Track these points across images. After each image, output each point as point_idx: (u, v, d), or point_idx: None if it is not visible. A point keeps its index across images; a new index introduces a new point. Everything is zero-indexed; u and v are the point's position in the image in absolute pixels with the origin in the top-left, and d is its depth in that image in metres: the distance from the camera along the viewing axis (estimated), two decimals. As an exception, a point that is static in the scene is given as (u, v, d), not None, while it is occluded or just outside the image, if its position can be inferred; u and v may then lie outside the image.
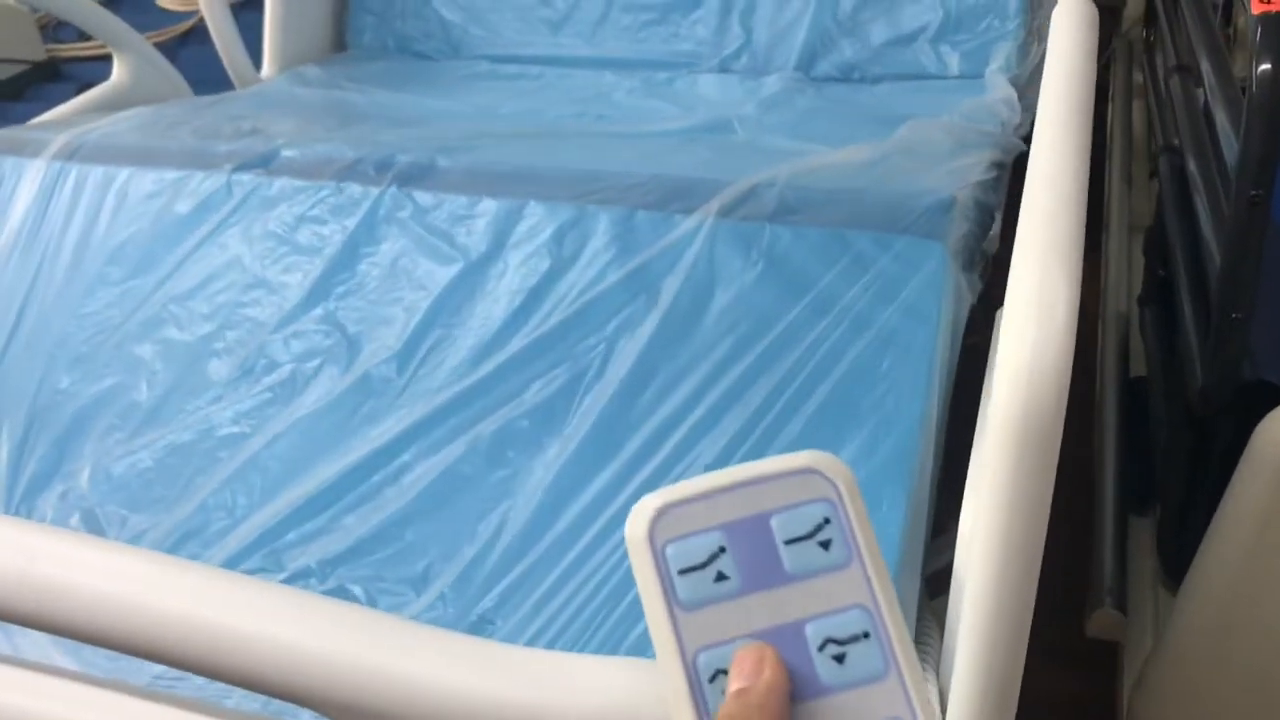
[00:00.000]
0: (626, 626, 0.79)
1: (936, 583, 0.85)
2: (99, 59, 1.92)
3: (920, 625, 0.79)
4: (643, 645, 0.77)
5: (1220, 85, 0.98)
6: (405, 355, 0.99)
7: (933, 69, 1.44)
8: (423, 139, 1.20)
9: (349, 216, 1.10)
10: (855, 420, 0.86)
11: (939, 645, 0.75)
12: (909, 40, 1.45)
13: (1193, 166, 1.08)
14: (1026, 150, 1.22)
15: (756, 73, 1.51)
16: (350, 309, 1.04)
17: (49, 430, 1.03)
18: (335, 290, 1.06)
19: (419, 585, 0.85)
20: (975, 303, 0.97)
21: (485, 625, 0.82)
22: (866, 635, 0.37)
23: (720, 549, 0.37)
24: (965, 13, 1.43)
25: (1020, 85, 1.35)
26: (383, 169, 1.12)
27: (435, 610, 0.83)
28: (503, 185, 1.08)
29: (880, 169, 1.08)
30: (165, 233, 1.15)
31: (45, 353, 1.09)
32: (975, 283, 0.99)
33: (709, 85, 1.52)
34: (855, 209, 0.98)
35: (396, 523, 0.89)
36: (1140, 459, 1.21)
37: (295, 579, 0.86)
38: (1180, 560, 0.99)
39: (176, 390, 1.03)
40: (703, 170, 1.06)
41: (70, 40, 2.14)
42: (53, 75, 2.07)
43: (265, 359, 1.02)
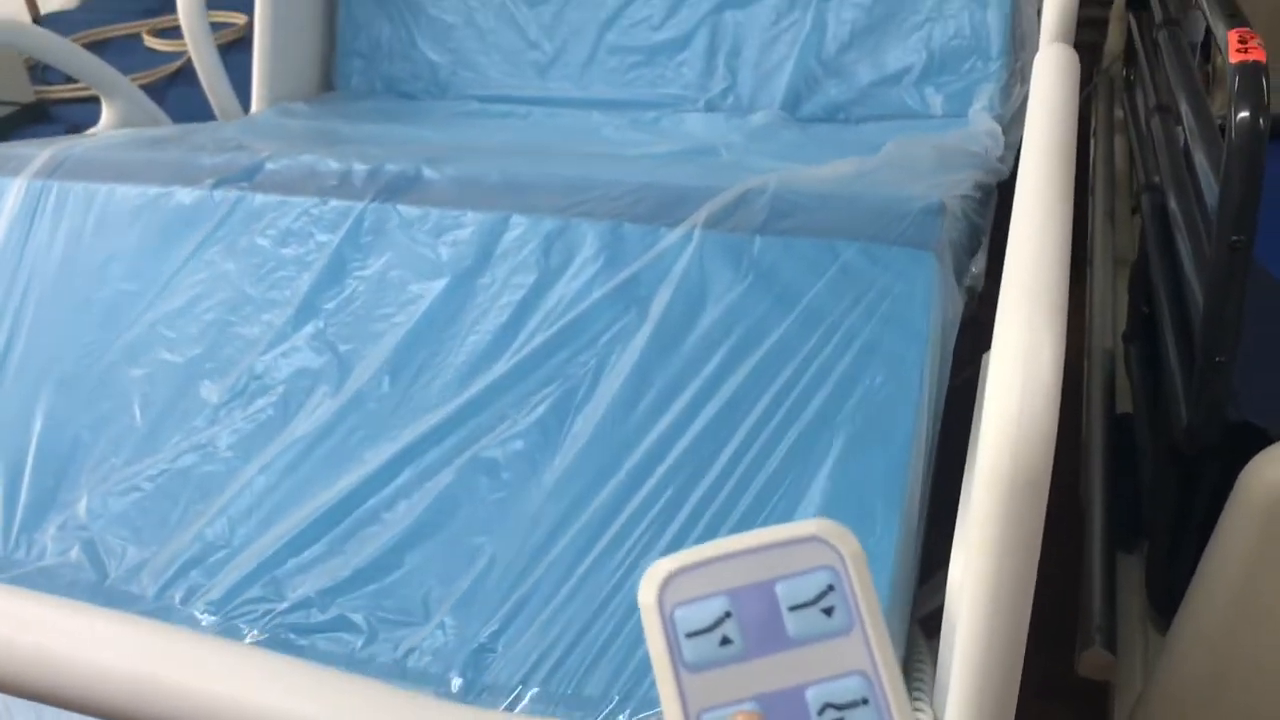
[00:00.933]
0: (628, 649, 0.79)
1: (930, 624, 0.85)
2: (88, 100, 1.93)
3: (913, 660, 0.79)
4: (645, 668, 0.77)
5: (1200, 127, 1.00)
6: (396, 374, 0.99)
7: (917, 109, 1.46)
8: (408, 153, 1.20)
9: (334, 231, 1.09)
10: (847, 437, 0.86)
11: (932, 682, 0.75)
12: (893, 81, 1.47)
13: (1174, 206, 1.09)
14: (1009, 178, 1.24)
15: (742, 112, 1.53)
16: (339, 326, 1.04)
17: (43, 458, 1.02)
18: (324, 307, 1.05)
19: (419, 614, 0.85)
20: (962, 330, 0.97)
21: (486, 654, 0.82)
22: (865, 701, 0.38)
23: (726, 614, 0.38)
24: (949, 54, 1.44)
25: (1003, 125, 1.36)
26: (368, 180, 1.11)
27: (436, 639, 0.83)
28: (489, 196, 1.07)
29: (867, 179, 1.08)
30: (150, 251, 1.13)
31: (34, 378, 1.08)
32: (964, 295, 0.99)
33: (695, 123, 1.53)
34: (845, 214, 0.97)
35: (394, 549, 0.88)
36: (1127, 496, 1.21)
37: (297, 609, 0.86)
38: (1169, 599, 1.00)
39: (169, 414, 1.02)
40: (691, 182, 1.06)
41: (58, 82, 2.14)
42: (41, 117, 2.07)
43: (257, 380, 1.02)
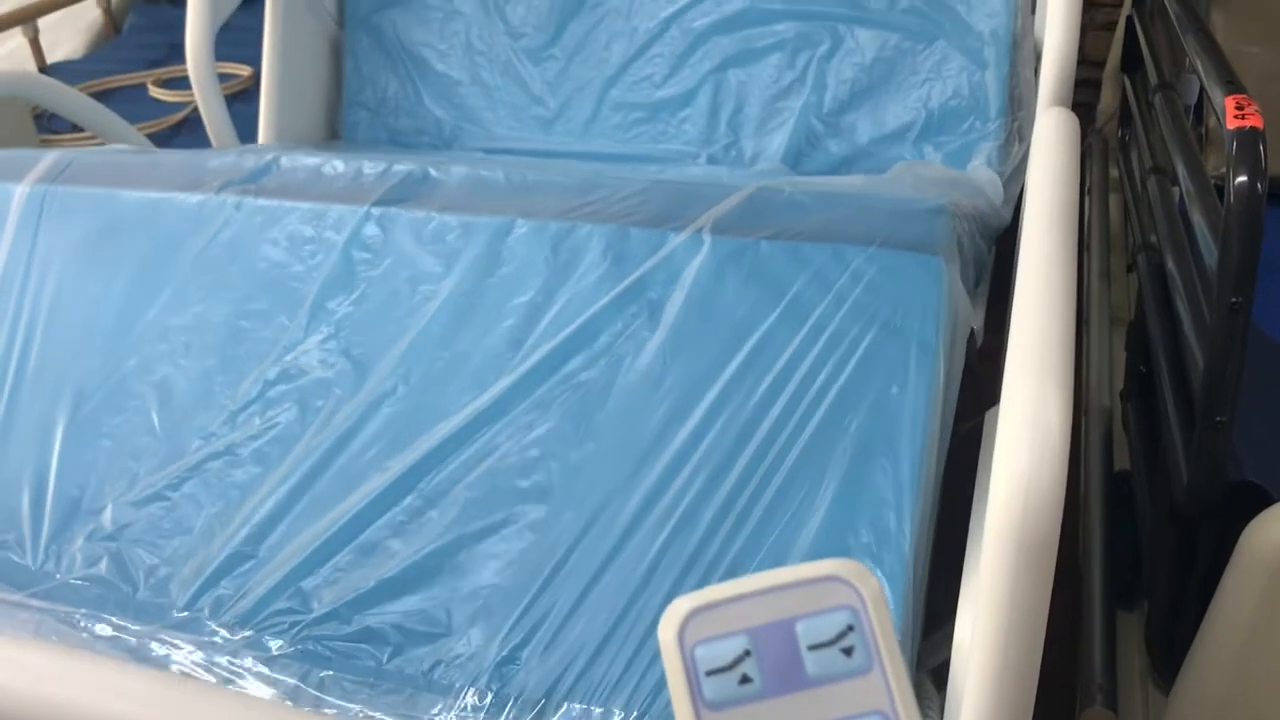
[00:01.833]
0: (649, 657, 0.80)
1: (937, 678, 0.85)
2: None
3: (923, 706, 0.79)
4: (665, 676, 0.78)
5: (1197, 190, 1.01)
6: (410, 380, 1.00)
7: (917, 168, 1.48)
8: (414, 158, 1.21)
9: (342, 233, 1.10)
10: (857, 450, 0.87)
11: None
12: (893, 139, 1.49)
13: (1171, 266, 1.10)
14: (1004, 235, 1.25)
15: (744, 166, 1.54)
16: (350, 330, 1.04)
17: (65, 469, 1.03)
18: (334, 311, 1.06)
19: (444, 625, 0.86)
20: (963, 382, 0.98)
21: (510, 665, 0.83)
22: None
23: (746, 652, 0.38)
24: (948, 114, 1.46)
25: (1002, 181, 1.38)
26: (375, 182, 1.12)
27: (461, 651, 0.85)
28: (495, 198, 1.08)
29: (875, 187, 1.09)
30: (158, 256, 1.14)
31: (51, 387, 1.08)
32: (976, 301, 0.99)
33: (698, 174, 1.54)
34: (852, 216, 0.98)
35: (417, 560, 0.89)
36: (1127, 553, 1.22)
37: (324, 621, 0.88)
38: (1170, 658, 1.00)
39: (186, 421, 1.02)
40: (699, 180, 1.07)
41: (65, 131, 2.16)
42: (45, 164, 2.09)
43: (271, 387, 1.02)
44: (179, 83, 2.28)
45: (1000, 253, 1.29)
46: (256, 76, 1.73)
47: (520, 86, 1.67)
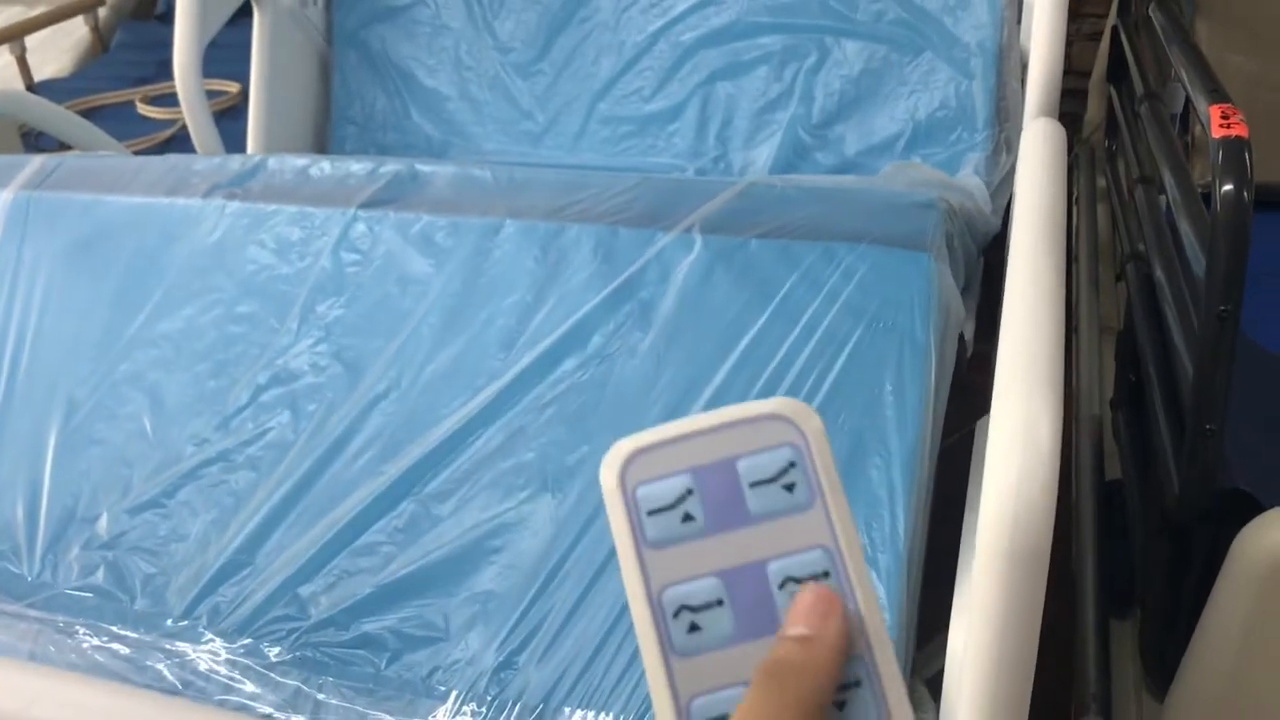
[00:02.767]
0: None
1: (933, 686, 0.85)
2: (80, 166, 1.93)
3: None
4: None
5: (1184, 199, 1.02)
6: (403, 384, 0.99)
7: (904, 179, 1.48)
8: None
9: (331, 237, 1.10)
10: (850, 448, 0.87)
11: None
12: (880, 151, 1.49)
13: (1160, 275, 1.11)
14: (997, 237, 1.25)
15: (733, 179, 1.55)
16: (341, 333, 1.04)
17: (59, 477, 1.03)
18: (324, 314, 1.06)
19: (442, 631, 0.86)
20: (952, 392, 0.98)
21: (508, 670, 0.83)
22: (826, 574, 0.38)
23: (688, 491, 0.39)
24: (935, 125, 1.47)
25: (990, 192, 1.38)
26: (363, 183, 1.11)
27: (459, 656, 0.85)
28: (484, 197, 1.08)
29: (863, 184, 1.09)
30: (146, 261, 1.13)
31: (42, 395, 1.08)
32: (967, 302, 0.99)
33: (686, 187, 1.55)
34: (842, 211, 0.98)
35: (414, 566, 0.90)
36: (1119, 562, 1.22)
37: (321, 627, 0.88)
38: (1163, 667, 1.00)
39: (178, 427, 1.02)
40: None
41: (52, 148, 2.16)
42: (33, 182, 2.08)
43: (263, 391, 1.02)
44: (167, 100, 2.28)
45: (989, 262, 1.29)
46: (245, 93, 1.72)
47: (509, 101, 1.68)
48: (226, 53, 1.73)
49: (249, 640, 0.87)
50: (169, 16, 1.57)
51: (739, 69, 1.58)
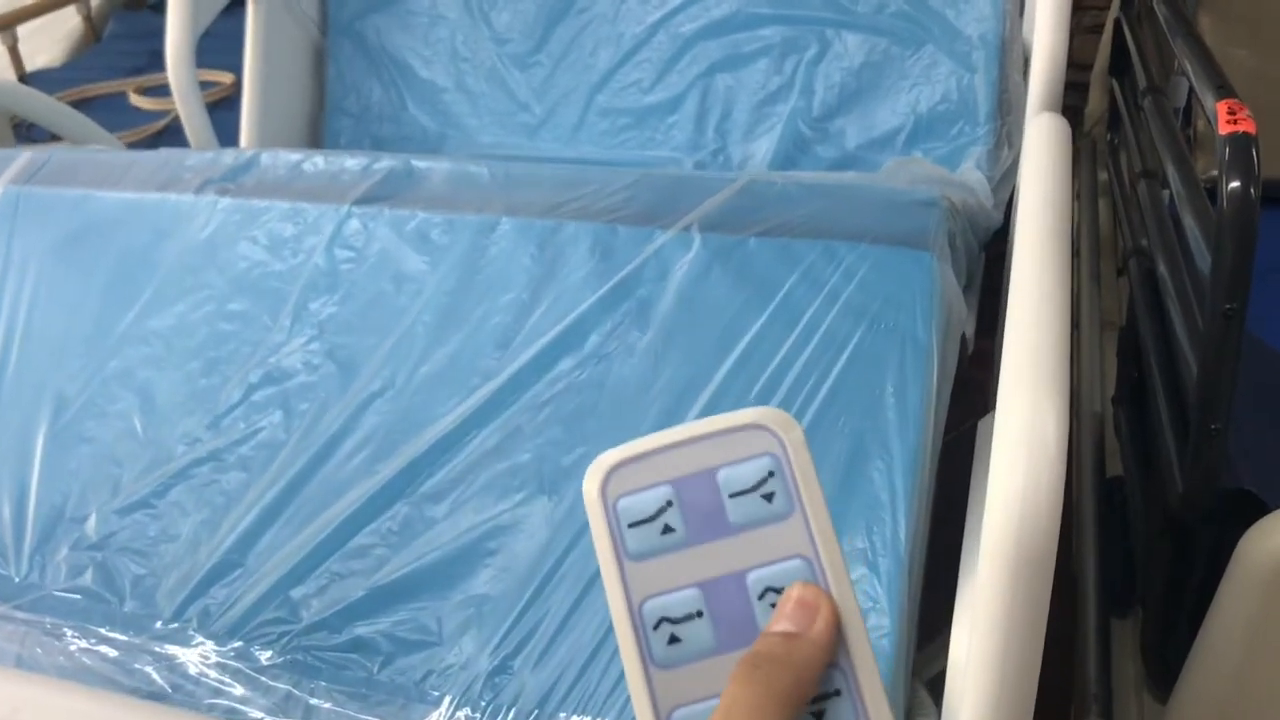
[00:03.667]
0: None
1: (933, 688, 0.84)
2: (73, 157, 1.91)
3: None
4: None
5: (1188, 194, 1.00)
6: (397, 383, 0.98)
7: (905, 173, 1.47)
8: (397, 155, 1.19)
9: (325, 234, 1.08)
10: (851, 450, 0.86)
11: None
12: (881, 144, 1.48)
13: (1163, 270, 1.09)
14: (1002, 242, 1.24)
15: (732, 172, 1.54)
16: (334, 331, 1.03)
17: (47, 477, 1.01)
18: (317, 312, 1.04)
19: (436, 635, 0.85)
20: (954, 388, 0.97)
21: (503, 674, 0.82)
22: None
23: (668, 503, 0.39)
24: (936, 119, 1.46)
25: (991, 187, 1.37)
26: (358, 178, 1.10)
27: (453, 660, 0.84)
28: (480, 195, 1.07)
29: (865, 183, 1.07)
30: (137, 257, 1.12)
31: (31, 392, 1.07)
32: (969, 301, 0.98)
33: (685, 180, 1.54)
34: (843, 208, 0.97)
35: (407, 568, 0.88)
36: (1120, 561, 1.21)
37: (313, 630, 0.86)
38: (1165, 667, 0.99)
39: (169, 425, 1.01)
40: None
41: (43, 139, 2.14)
42: (25, 172, 2.07)
43: (256, 390, 1.01)
44: (160, 91, 2.26)
45: (990, 256, 1.28)
46: (239, 84, 1.71)
47: (506, 93, 1.66)
48: (220, 43, 1.71)
49: (239, 643, 0.86)
50: (162, 6, 1.56)
51: (739, 61, 1.57)
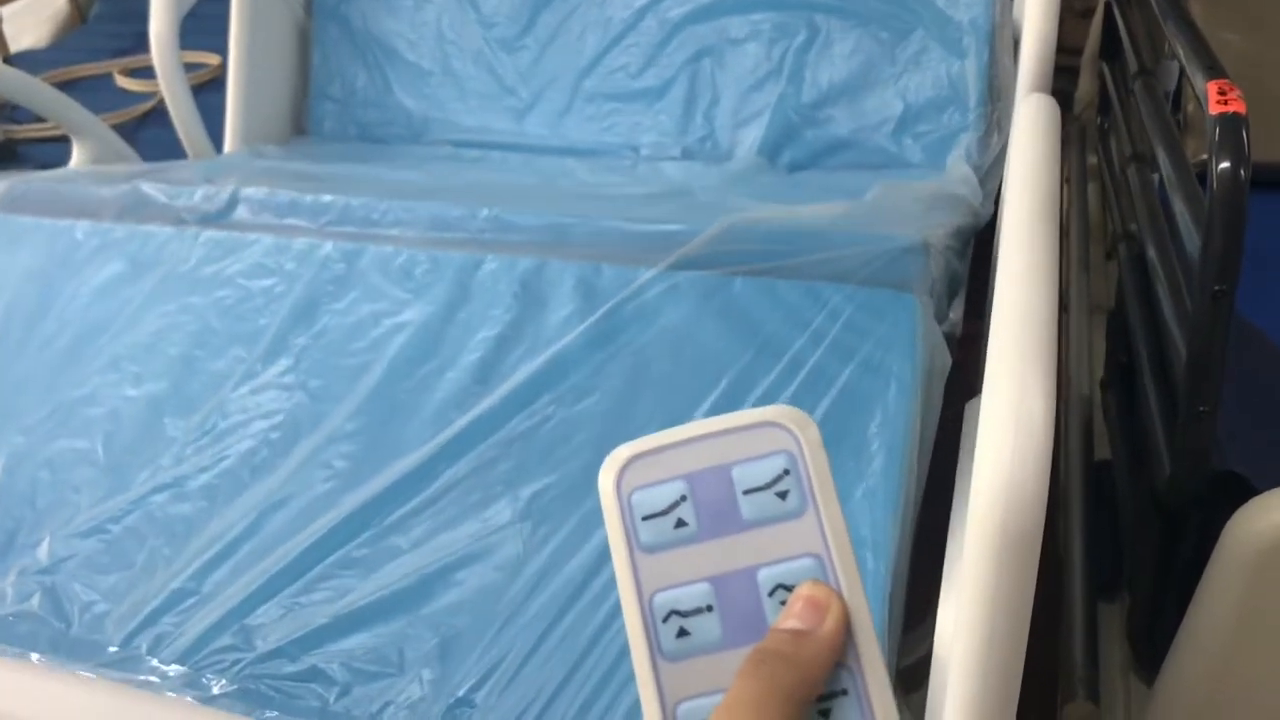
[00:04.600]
0: (608, 700, 0.77)
1: (913, 676, 0.84)
2: (58, 140, 1.91)
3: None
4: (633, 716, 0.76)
5: (1178, 177, 1.00)
6: (369, 415, 0.97)
7: (895, 158, 1.46)
8: (383, 189, 1.18)
9: (305, 266, 1.08)
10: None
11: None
12: (871, 131, 1.47)
13: (1152, 254, 1.09)
14: (990, 224, 1.24)
15: (720, 160, 1.53)
16: (310, 363, 1.02)
17: (3, 501, 0.99)
18: (294, 344, 1.03)
19: (395, 665, 0.83)
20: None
21: (464, 707, 0.80)
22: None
23: (681, 497, 0.39)
24: (926, 105, 1.45)
25: (981, 175, 1.37)
26: (340, 217, 1.10)
27: (412, 692, 0.81)
28: (464, 238, 1.06)
29: (851, 219, 1.06)
30: (113, 287, 1.12)
31: None
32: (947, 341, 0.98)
33: (672, 169, 1.53)
34: (827, 253, 0.96)
35: (369, 598, 0.86)
36: (1107, 544, 1.21)
37: (268, 659, 0.84)
38: (1152, 650, 0.99)
39: (133, 454, 0.99)
40: (668, 220, 1.04)
41: (27, 121, 2.12)
42: (10, 157, 2.04)
43: (225, 419, 1.00)
44: (147, 72, 2.24)
45: (980, 240, 1.28)
46: (225, 65, 1.70)
47: (492, 77, 1.65)
48: (206, 24, 1.70)
49: (189, 671, 0.83)
50: (148, -12, 1.54)
51: (727, 47, 1.56)
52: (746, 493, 0.39)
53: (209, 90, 2.01)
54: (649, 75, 1.59)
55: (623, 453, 0.40)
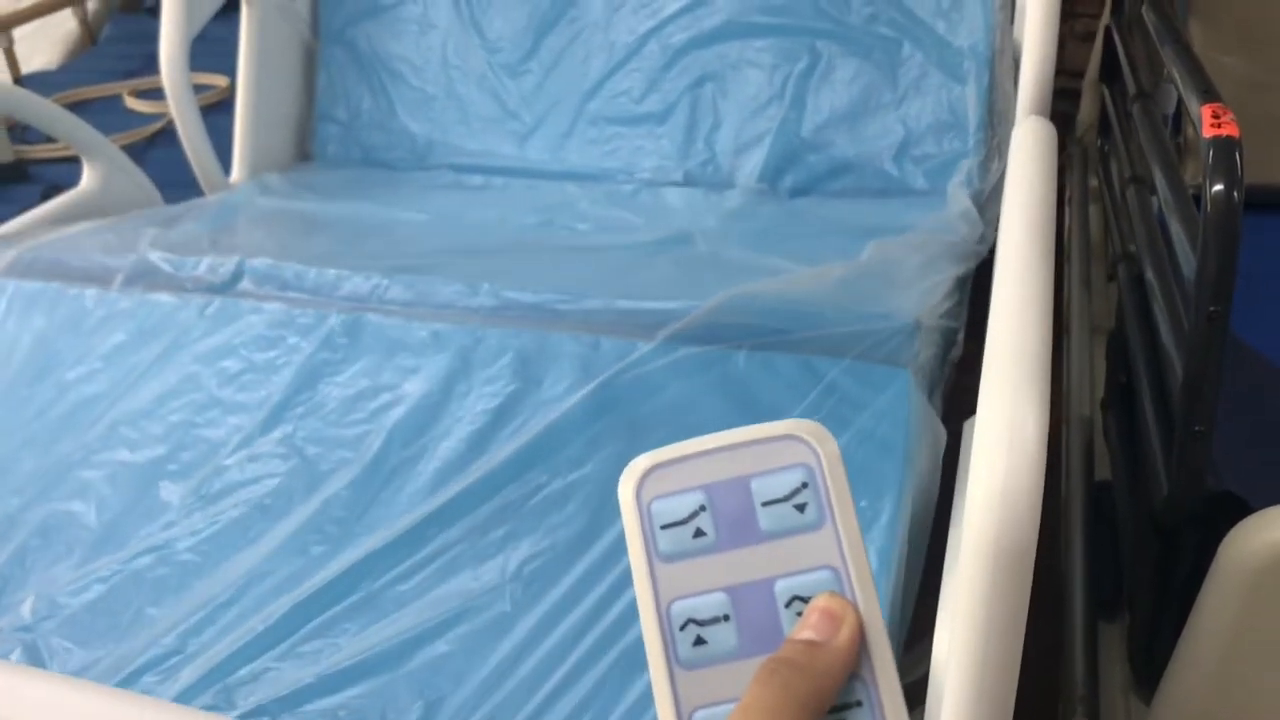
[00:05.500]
0: None
1: (912, 696, 0.84)
2: (68, 160, 1.92)
3: None
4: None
5: (1175, 199, 1.01)
6: (364, 482, 0.97)
7: (896, 184, 1.47)
8: (381, 259, 1.19)
9: (308, 338, 1.09)
10: None
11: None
12: (872, 157, 1.48)
13: (1150, 276, 1.10)
14: (989, 257, 1.25)
15: (721, 186, 1.54)
16: (308, 431, 1.02)
17: None
18: (293, 412, 1.04)
19: None
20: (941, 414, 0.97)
21: None
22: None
23: (701, 507, 0.40)
24: (926, 130, 1.46)
25: (981, 201, 1.37)
26: (344, 291, 1.11)
27: None
28: (462, 313, 1.08)
29: (844, 292, 1.08)
30: (117, 353, 1.13)
31: None
32: (938, 405, 0.99)
33: (673, 197, 1.54)
34: (823, 330, 0.98)
35: (354, 660, 0.85)
36: (1107, 564, 1.21)
37: (248, 718, 0.83)
38: (1152, 669, 0.99)
39: (127, 515, 0.99)
40: (665, 288, 1.05)
41: (38, 141, 2.14)
42: (20, 176, 2.06)
43: (220, 483, 1.00)
44: (156, 93, 2.26)
45: (983, 262, 1.29)
46: (234, 87, 1.71)
47: (496, 101, 1.67)
48: (214, 47, 1.72)
49: None
50: (158, 10, 1.56)
51: (729, 72, 1.57)
52: (765, 504, 0.40)
53: (217, 112, 2.03)
54: (651, 100, 1.60)
55: (642, 462, 0.41)
